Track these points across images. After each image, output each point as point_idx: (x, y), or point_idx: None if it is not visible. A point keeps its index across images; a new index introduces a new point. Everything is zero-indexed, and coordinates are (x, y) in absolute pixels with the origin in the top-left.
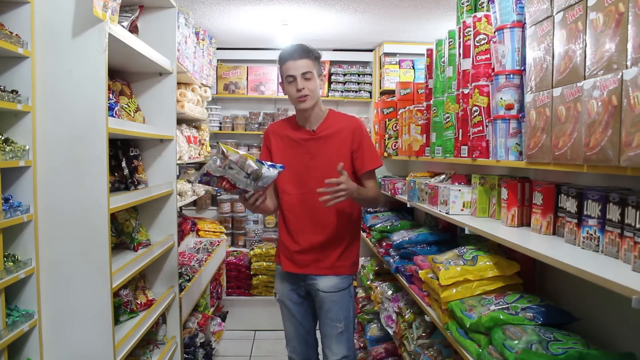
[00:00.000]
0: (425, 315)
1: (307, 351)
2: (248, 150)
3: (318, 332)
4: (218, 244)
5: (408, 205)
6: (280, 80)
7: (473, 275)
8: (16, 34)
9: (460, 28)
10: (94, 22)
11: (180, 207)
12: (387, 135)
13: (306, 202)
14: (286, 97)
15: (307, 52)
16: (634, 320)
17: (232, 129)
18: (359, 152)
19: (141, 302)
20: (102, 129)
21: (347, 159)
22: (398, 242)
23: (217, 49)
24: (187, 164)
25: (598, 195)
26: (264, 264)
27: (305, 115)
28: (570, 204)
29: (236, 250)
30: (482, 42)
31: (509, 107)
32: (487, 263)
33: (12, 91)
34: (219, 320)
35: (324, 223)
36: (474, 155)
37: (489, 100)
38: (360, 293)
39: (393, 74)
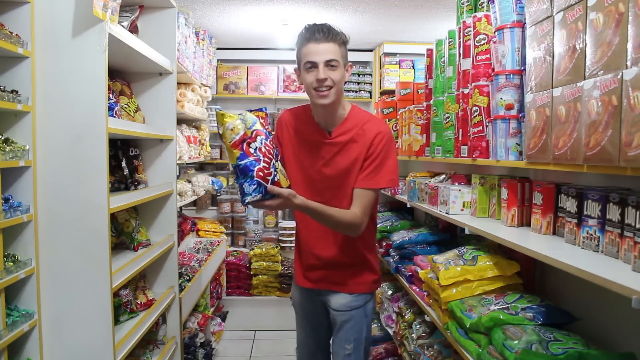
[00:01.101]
0: (425, 315)
1: None
2: None
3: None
4: (218, 244)
5: (408, 205)
6: (297, 66)
7: (473, 275)
8: (16, 34)
9: (460, 28)
10: (94, 22)
11: (180, 207)
12: None
13: None
14: (287, 96)
15: (335, 35)
16: (634, 320)
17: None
18: (364, 162)
19: (141, 302)
20: (102, 129)
21: (358, 171)
22: (398, 242)
23: (217, 49)
24: (187, 164)
25: (598, 195)
26: (264, 264)
27: (324, 112)
28: (570, 204)
29: (236, 250)
30: (482, 42)
31: (509, 107)
32: (487, 263)
33: (12, 91)
34: (219, 320)
35: (338, 236)
36: (474, 155)
37: (489, 100)
38: None
39: (393, 74)
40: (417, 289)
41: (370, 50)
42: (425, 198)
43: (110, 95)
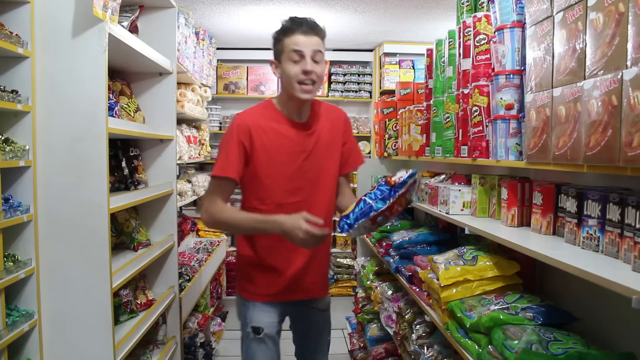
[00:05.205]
0: (425, 315)
1: None
2: None
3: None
4: (218, 244)
5: (408, 205)
6: (274, 58)
7: (473, 275)
8: (16, 34)
9: (460, 28)
10: (94, 22)
11: (180, 207)
12: (387, 135)
13: (300, 211)
14: None
15: (320, 30)
16: (634, 320)
17: None
18: (347, 145)
19: (141, 302)
20: (102, 129)
21: (339, 155)
22: (398, 242)
23: (217, 49)
24: (187, 164)
25: (598, 195)
26: None
27: (300, 105)
28: (570, 204)
29: (236, 250)
30: (482, 42)
31: (509, 107)
32: (487, 263)
33: (12, 91)
34: (219, 320)
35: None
36: (474, 155)
37: (489, 100)
38: (360, 293)
39: (393, 74)
40: (417, 289)
41: (370, 50)
42: (425, 198)
43: (110, 95)
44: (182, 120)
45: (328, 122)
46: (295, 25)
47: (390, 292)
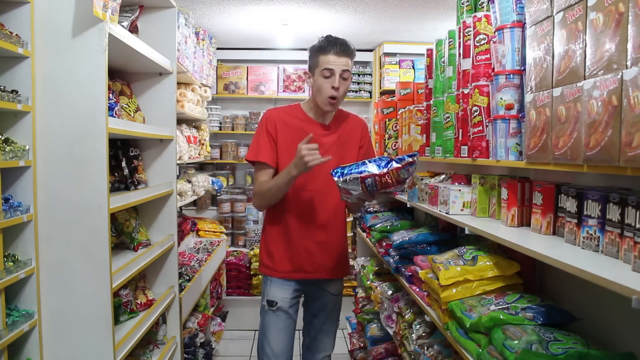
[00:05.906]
0: (425, 315)
1: None
2: None
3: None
4: (218, 244)
5: (408, 205)
6: (309, 69)
7: (473, 275)
8: (16, 34)
9: (460, 28)
10: (94, 22)
11: (180, 207)
12: (387, 135)
13: (316, 201)
14: (286, 96)
15: (352, 51)
16: (634, 320)
17: (232, 129)
18: (363, 149)
19: (141, 302)
20: (102, 128)
21: (355, 155)
22: (398, 242)
23: (217, 49)
24: (187, 164)
25: (598, 195)
26: None
27: (324, 111)
28: (570, 204)
29: (236, 250)
30: (482, 42)
31: (509, 107)
32: (487, 263)
33: (12, 91)
34: (219, 320)
35: (332, 223)
36: (474, 155)
37: (489, 100)
38: (360, 293)
39: (393, 74)
40: (417, 289)
41: (370, 50)
42: (425, 198)
43: (110, 95)
44: (182, 120)
45: (348, 127)
46: (330, 46)
47: (390, 292)
